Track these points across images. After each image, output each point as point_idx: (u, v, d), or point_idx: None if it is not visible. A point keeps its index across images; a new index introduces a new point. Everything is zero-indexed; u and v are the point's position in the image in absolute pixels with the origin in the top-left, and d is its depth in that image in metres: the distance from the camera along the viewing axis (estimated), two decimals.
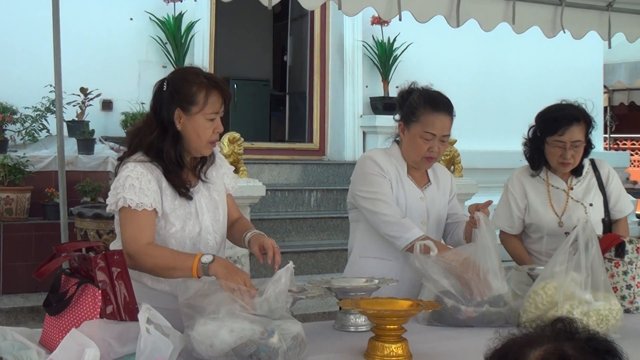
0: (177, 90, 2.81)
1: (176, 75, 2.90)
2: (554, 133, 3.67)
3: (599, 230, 3.71)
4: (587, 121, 3.70)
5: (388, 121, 8.93)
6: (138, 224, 2.75)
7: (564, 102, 3.76)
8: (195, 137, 2.83)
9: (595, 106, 3.79)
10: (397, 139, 3.55)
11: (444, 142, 3.40)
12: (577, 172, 3.83)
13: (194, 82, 2.81)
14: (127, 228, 2.77)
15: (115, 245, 2.93)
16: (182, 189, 2.84)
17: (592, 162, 3.93)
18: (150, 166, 2.81)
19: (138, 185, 2.74)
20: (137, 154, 2.84)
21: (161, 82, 2.88)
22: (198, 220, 2.88)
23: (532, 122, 3.83)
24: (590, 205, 3.79)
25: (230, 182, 3.09)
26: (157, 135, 2.82)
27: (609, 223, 3.83)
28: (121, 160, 2.89)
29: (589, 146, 3.78)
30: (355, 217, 3.58)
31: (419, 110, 3.37)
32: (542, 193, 3.83)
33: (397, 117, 3.53)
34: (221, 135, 2.96)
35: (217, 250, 2.93)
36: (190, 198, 2.86)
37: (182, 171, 2.87)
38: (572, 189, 3.82)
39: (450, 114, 3.40)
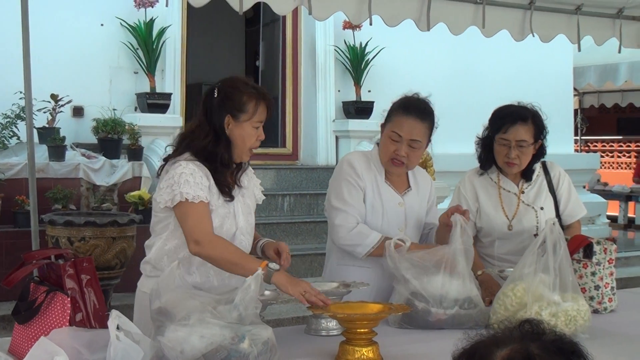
0: (228, 97, 2.98)
1: (227, 83, 3.04)
2: (499, 130, 3.67)
3: None
4: (536, 123, 3.67)
5: (360, 125, 9.05)
6: (199, 213, 2.90)
7: (518, 104, 3.74)
8: (241, 143, 3.00)
9: (542, 109, 3.76)
10: (378, 142, 3.55)
11: (414, 148, 3.34)
12: (527, 176, 3.81)
13: (244, 92, 2.98)
14: (189, 218, 2.90)
15: (155, 245, 3.04)
16: (227, 189, 3.01)
17: (543, 164, 3.89)
18: (199, 165, 2.96)
19: (192, 180, 2.90)
20: (185, 154, 2.98)
21: (212, 89, 3.04)
22: (235, 221, 3.04)
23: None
24: (541, 209, 3.77)
25: (259, 194, 3.27)
26: (210, 140, 2.97)
27: (560, 226, 3.80)
28: (166, 161, 3.04)
29: (540, 151, 3.76)
30: None
31: (393, 112, 3.39)
32: (494, 196, 3.81)
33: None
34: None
35: (248, 252, 3.08)
36: (232, 198, 3.02)
37: (227, 173, 3.04)
38: (523, 192, 3.80)
39: (422, 119, 3.35)
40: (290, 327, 3.17)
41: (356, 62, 9.13)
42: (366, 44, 9.07)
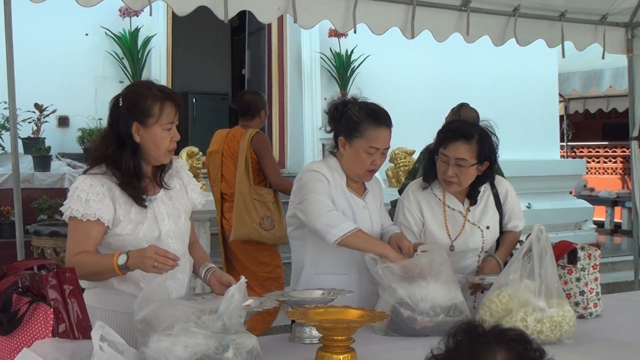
0: (133, 104, 2.92)
1: (130, 90, 3.00)
2: (441, 145, 3.51)
3: (492, 250, 3.68)
4: (481, 143, 3.45)
5: None
6: (77, 234, 2.88)
7: (472, 120, 3.60)
8: (154, 148, 2.94)
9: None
10: (332, 151, 3.53)
11: (384, 154, 3.43)
12: (472, 197, 3.62)
13: (148, 96, 2.92)
14: (69, 238, 2.92)
15: None
16: (137, 199, 2.94)
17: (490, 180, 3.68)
18: (101, 178, 2.91)
19: (84, 197, 2.86)
20: (95, 168, 2.95)
21: (116, 98, 2.98)
22: (157, 225, 2.97)
23: None
24: (487, 228, 3.62)
25: (197, 198, 3.20)
26: (114, 149, 2.92)
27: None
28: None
29: (488, 174, 3.57)
30: (298, 235, 3.51)
31: (362, 126, 3.35)
32: (438, 214, 3.61)
33: (328, 128, 3.51)
34: (179, 149, 2.99)
35: (182, 255, 3.00)
36: (145, 206, 2.95)
37: (140, 182, 2.97)
38: (469, 210, 3.62)
39: (390, 126, 3.40)
40: (274, 335, 3.15)
41: (342, 69, 9.15)
42: (352, 52, 9.08)
